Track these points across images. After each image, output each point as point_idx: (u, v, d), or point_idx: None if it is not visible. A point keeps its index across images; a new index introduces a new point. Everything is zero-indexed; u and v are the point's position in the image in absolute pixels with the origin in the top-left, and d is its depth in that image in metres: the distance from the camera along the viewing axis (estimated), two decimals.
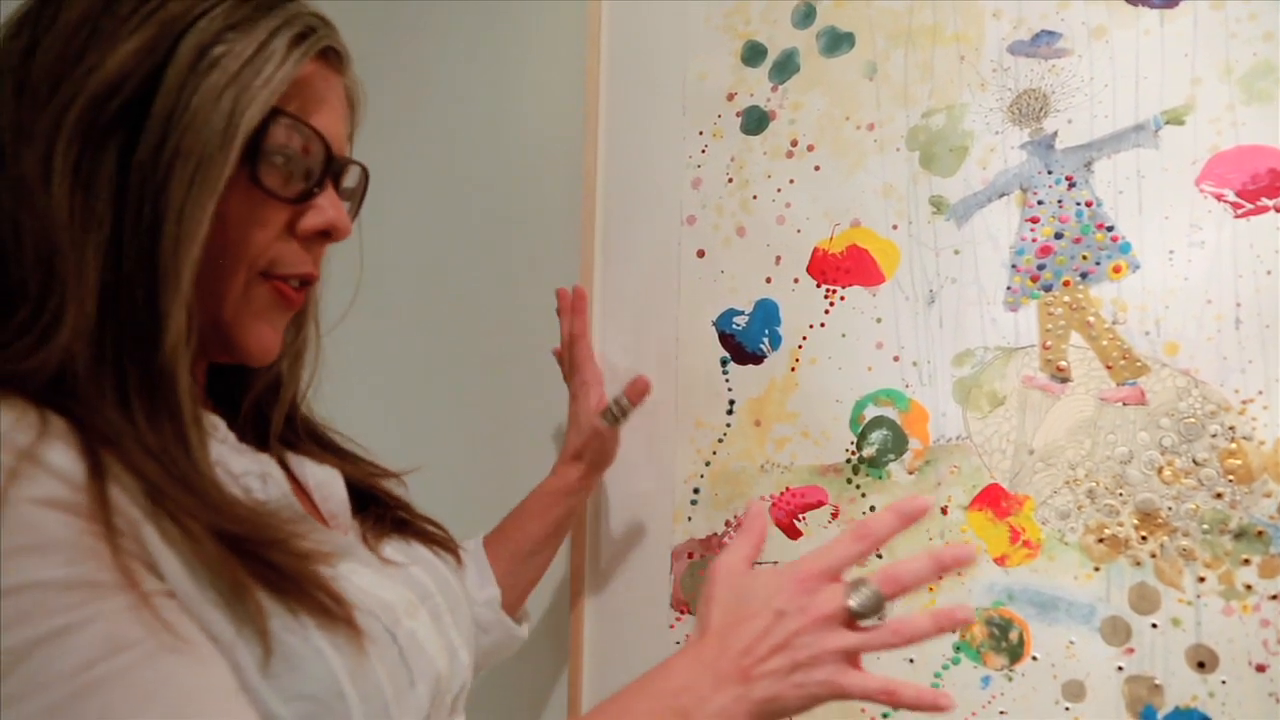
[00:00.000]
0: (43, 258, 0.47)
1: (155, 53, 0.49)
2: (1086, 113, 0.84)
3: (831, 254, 0.94)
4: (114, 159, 0.48)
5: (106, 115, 0.48)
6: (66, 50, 0.49)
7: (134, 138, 0.49)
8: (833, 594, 0.61)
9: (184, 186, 0.49)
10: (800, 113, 0.97)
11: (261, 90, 0.52)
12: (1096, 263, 0.82)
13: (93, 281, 0.48)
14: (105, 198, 0.48)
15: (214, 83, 0.50)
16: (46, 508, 0.42)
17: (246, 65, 0.51)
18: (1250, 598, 0.75)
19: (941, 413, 0.88)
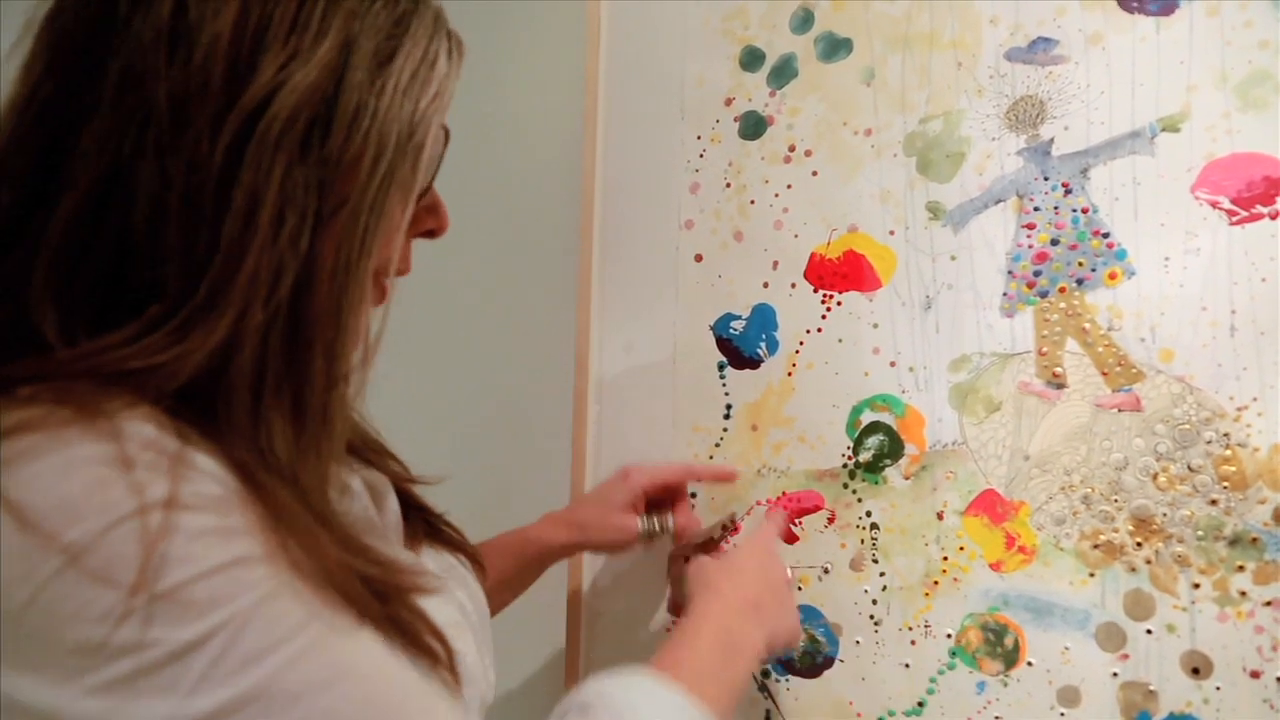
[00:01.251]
0: (197, 255, 0.44)
1: (338, 61, 0.48)
2: (1083, 119, 0.84)
3: (828, 259, 0.95)
4: (298, 163, 0.46)
5: (295, 128, 0.46)
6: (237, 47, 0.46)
7: (317, 144, 0.47)
8: None
9: (371, 192, 0.48)
10: (798, 118, 0.97)
11: (435, 101, 0.52)
12: (1092, 269, 0.82)
13: (265, 286, 0.45)
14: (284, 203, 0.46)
15: (392, 92, 0.49)
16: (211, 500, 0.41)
17: (416, 74, 0.51)
18: (1245, 604, 0.75)
19: (938, 418, 0.88)
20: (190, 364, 0.44)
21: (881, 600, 0.89)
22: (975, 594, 0.85)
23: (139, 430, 0.41)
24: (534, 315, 1.14)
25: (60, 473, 0.38)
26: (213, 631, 0.38)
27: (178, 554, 0.39)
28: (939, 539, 0.87)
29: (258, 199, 0.45)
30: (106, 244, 0.45)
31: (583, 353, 1.07)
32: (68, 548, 0.37)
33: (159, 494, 0.39)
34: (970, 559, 0.85)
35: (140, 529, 0.38)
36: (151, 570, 0.38)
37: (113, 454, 0.39)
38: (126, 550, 0.38)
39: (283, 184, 0.45)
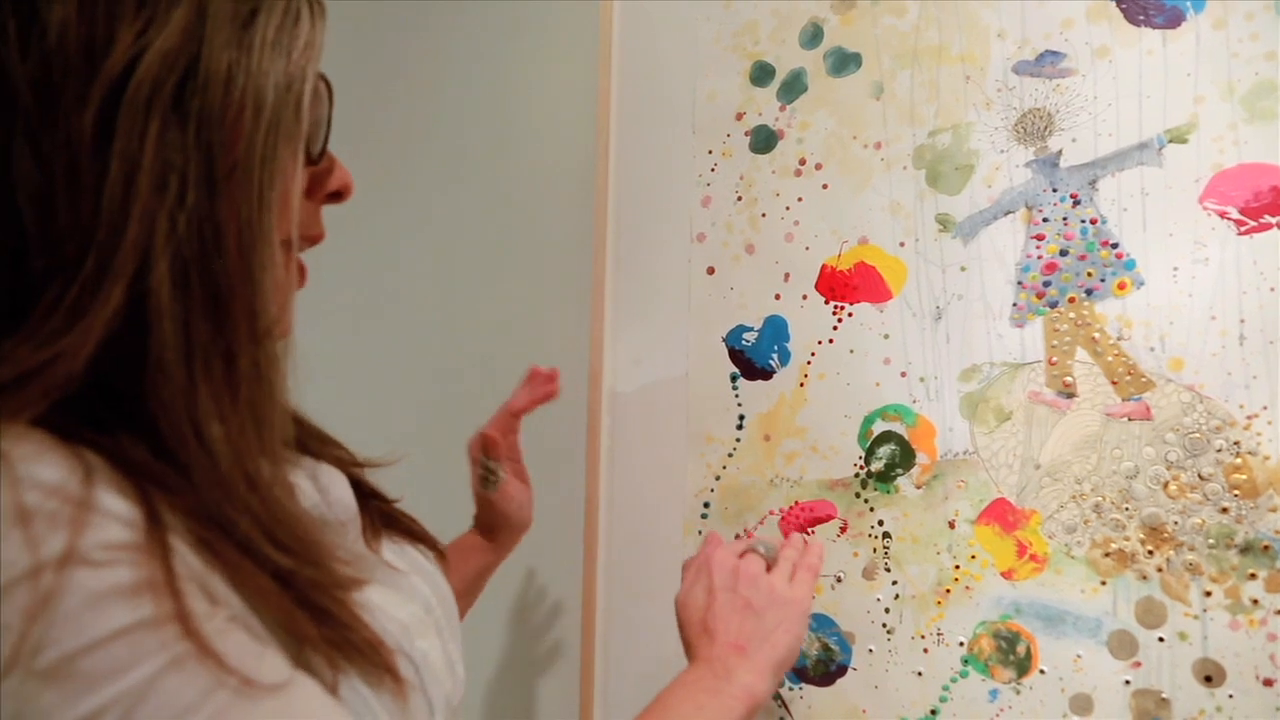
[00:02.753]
0: (83, 229, 0.43)
1: (196, 25, 0.46)
2: (1090, 131, 0.85)
3: (839, 271, 0.96)
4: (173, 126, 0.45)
5: (163, 90, 0.45)
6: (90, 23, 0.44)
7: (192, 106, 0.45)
8: (733, 550, 0.81)
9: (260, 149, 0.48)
10: (808, 132, 0.99)
11: (306, 51, 0.51)
12: (1101, 279, 0.83)
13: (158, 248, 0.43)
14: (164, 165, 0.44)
15: (260, 47, 0.48)
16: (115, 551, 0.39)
17: (281, 28, 0.50)
18: (1257, 612, 0.76)
19: (949, 428, 0.89)
20: (88, 345, 0.42)
21: (894, 609, 0.89)
22: (987, 602, 0.85)
23: (36, 473, 0.38)
24: (548, 327, 1.15)
25: None
26: (104, 707, 0.36)
27: (69, 621, 0.36)
28: (951, 548, 0.87)
29: (135, 164, 0.43)
30: (3, 243, 0.43)
31: (596, 364, 1.08)
32: None
33: (55, 550, 0.37)
34: (982, 567, 0.86)
35: (28, 593, 0.36)
36: (32, 643, 0.35)
37: (7, 505, 0.37)
38: (9, 620, 0.36)
39: (158, 147, 0.44)
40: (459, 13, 1.29)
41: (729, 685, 0.68)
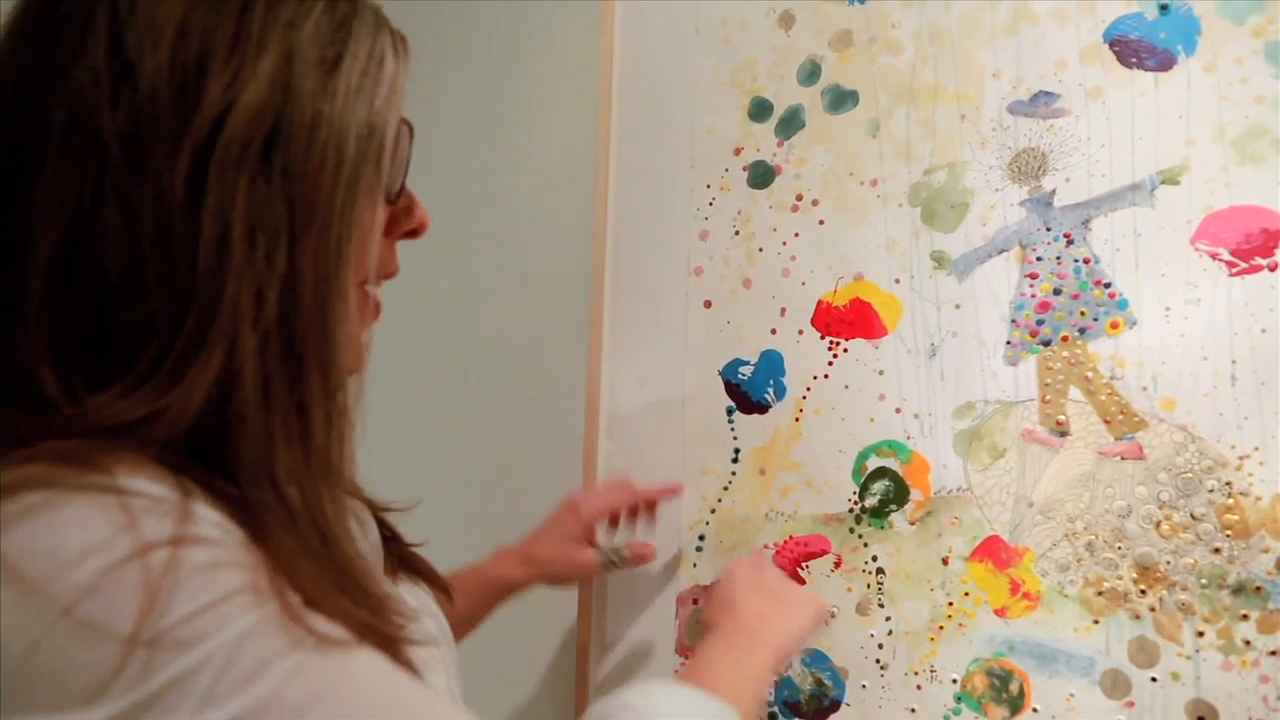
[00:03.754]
0: (178, 289, 0.44)
1: (284, 74, 0.47)
2: (1084, 171, 0.86)
3: (835, 306, 0.96)
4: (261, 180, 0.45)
5: (253, 146, 0.45)
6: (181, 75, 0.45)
7: (278, 159, 0.46)
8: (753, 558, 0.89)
9: (340, 201, 0.48)
10: (805, 168, 1.00)
11: (389, 98, 0.52)
12: (1094, 319, 0.84)
13: (250, 310, 0.44)
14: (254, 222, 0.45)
15: (344, 95, 0.49)
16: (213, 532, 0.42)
17: (366, 73, 0.50)
18: (1249, 653, 0.76)
19: (943, 464, 0.89)
20: (193, 404, 0.43)
21: (887, 644, 0.89)
22: (980, 639, 0.85)
23: (138, 485, 0.41)
24: (547, 359, 1.16)
25: (59, 526, 0.39)
26: (212, 654, 0.39)
27: (179, 589, 0.39)
28: (944, 584, 0.87)
29: (227, 222, 0.44)
30: (86, 293, 0.44)
31: (594, 397, 1.08)
32: (66, 595, 0.37)
33: (162, 534, 0.40)
34: (975, 604, 0.86)
35: (141, 569, 0.38)
36: (156, 610, 0.38)
37: (112, 504, 0.40)
38: (127, 592, 0.38)
39: (249, 204, 0.45)
40: (460, 44, 1.30)
41: (757, 641, 0.72)
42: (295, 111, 0.47)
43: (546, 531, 0.96)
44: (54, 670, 0.37)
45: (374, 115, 0.50)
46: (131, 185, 0.44)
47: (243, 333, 0.44)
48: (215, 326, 0.44)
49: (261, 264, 0.45)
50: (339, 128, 0.48)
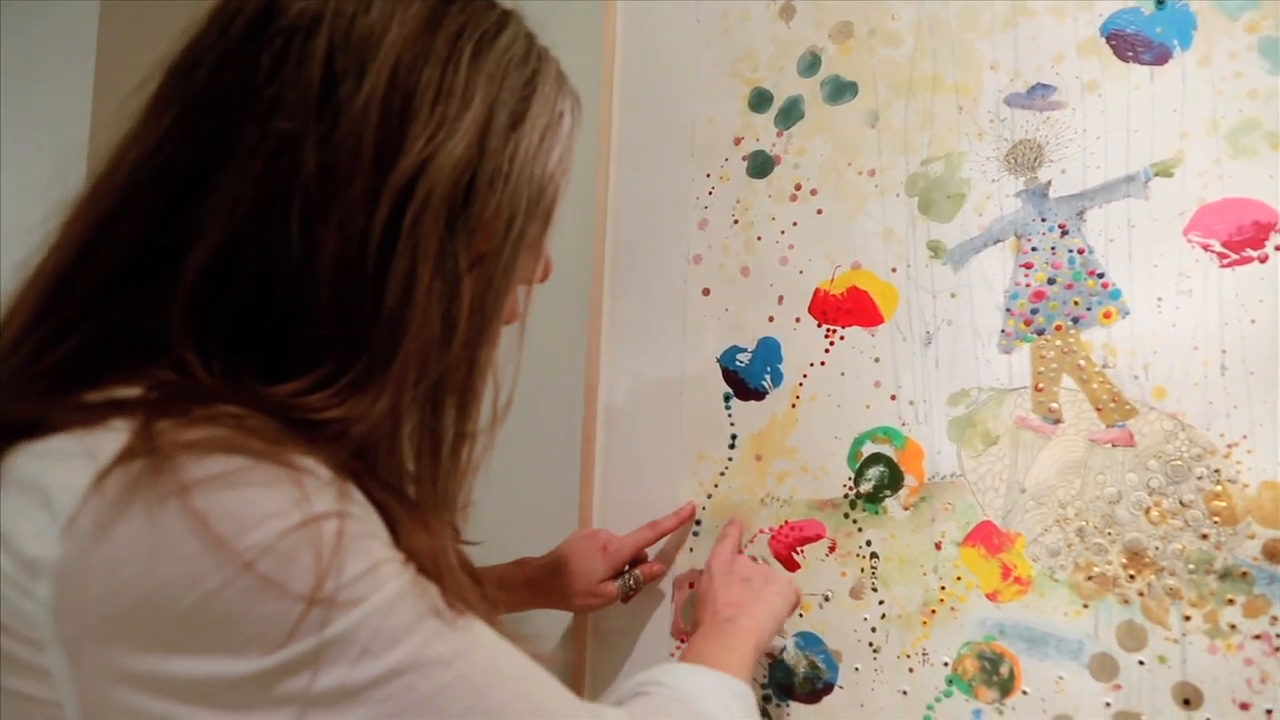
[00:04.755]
0: (357, 323, 0.47)
1: (483, 130, 0.49)
2: (1079, 163, 0.87)
3: (832, 295, 0.97)
4: (447, 234, 0.48)
5: (446, 200, 0.47)
6: (386, 118, 0.46)
7: (461, 213, 0.48)
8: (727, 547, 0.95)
9: (505, 254, 0.50)
10: (804, 158, 1.01)
11: (561, 162, 0.54)
12: (1088, 308, 0.85)
13: (424, 355, 0.47)
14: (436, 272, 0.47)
15: (524, 156, 0.51)
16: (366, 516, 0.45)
17: (545, 134, 0.52)
18: (1234, 637, 0.77)
19: (937, 450, 0.90)
20: (359, 428, 0.46)
21: (880, 628, 0.91)
22: (972, 623, 0.87)
23: (308, 464, 0.44)
24: (545, 343, 1.16)
25: (246, 490, 0.41)
26: (370, 613, 0.42)
27: (346, 555, 0.42)
28: (937, 569, 0.89)
29: (415, 270, 0.46)
30: (238, 296, 0.47)
31: (592, 381, 1.09)
32: (248, 552, 0.40)
33: (330, 506, 0.43)
34: (967, 589, 0.87)
35: (315, 535, 0.42)
36: (330, 572, 0.41)
37: (289, 476, 0.43)
38: (303, 555, 0.41)
39: (437, 255, 0.47)
40: None
41: (734, 628, 0.79)
42: (484, 170, 0.49)
43: (569, 566, 0.99)
44: (229, 619, 0.40)
45: (547, 176, 0.53)
46: (320, 217, 0.46)
47: (410, 378, 0.47)
48: (390, 369, 0.47)
49: (440, 313, 0.48)
50: (514, 186, 0.50)
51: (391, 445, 0.48)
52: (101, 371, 0.46)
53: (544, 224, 0.54)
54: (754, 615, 0.82)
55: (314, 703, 0.41)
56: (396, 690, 0.42)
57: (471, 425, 0.52)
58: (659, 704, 0.62)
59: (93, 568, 0.40)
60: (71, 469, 0.41)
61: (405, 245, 0.46)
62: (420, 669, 0.43)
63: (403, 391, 0.47)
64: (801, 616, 0.95)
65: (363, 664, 0.41)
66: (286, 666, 0.40)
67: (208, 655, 0.40)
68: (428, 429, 0.49)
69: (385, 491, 0.48)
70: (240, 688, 0.40)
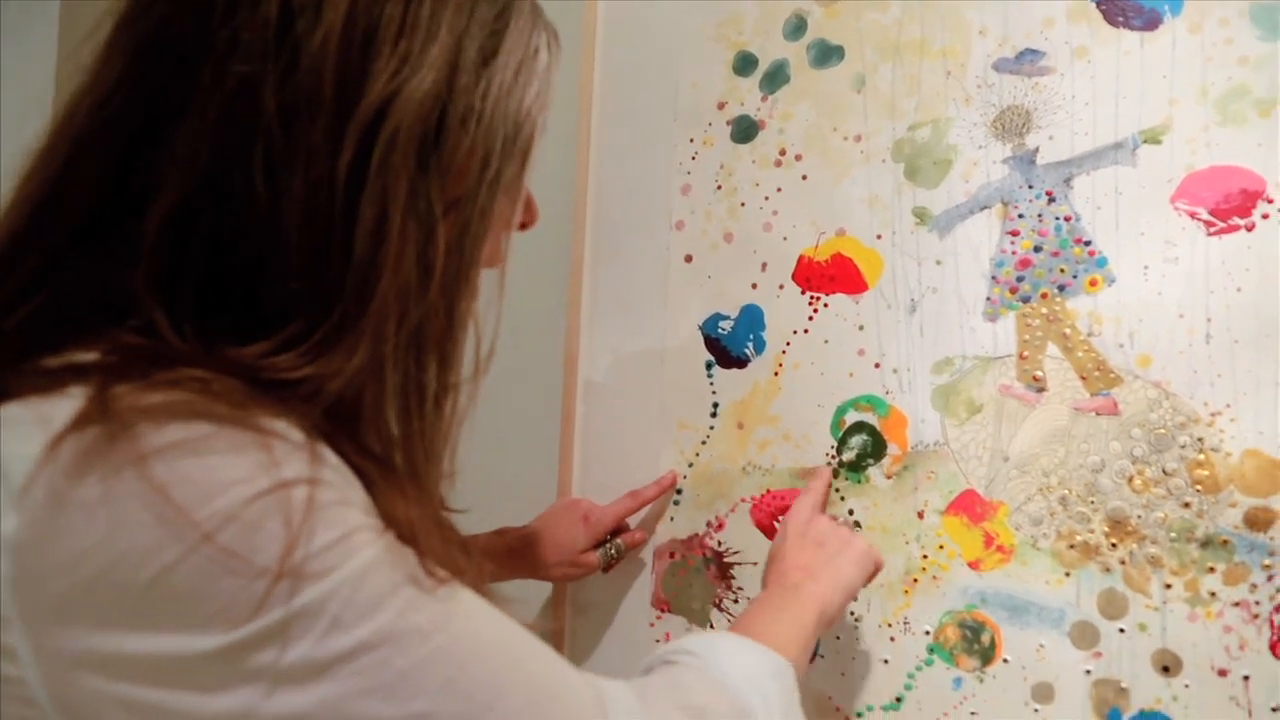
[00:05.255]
0: (328, 272, 0.44)
1: (450, 65, 0.46)
2: (1067, 130, 0.86)
3: (816, 262, 0.96)
4: (418, 174, 0.45)
5: (414, 138, 0.45)
6: (347, 54, 0.44)
7: (432, 153, 0.46)
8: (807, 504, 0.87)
9: (480, 196, 0.48)
10: (789, 123, 0.99)
11: (539, 99, 0.52)
12: (1074, 276, 0.85)
13: (400, 302, 0.45)
14: (409, 215, 0.45)
15: (498, 93, 0.48)
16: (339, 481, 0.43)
17: (519, 70, 0.50)
18: (1214, 604, 0.77)
19: (920, 419, 0.90)
20: (332, 389, 0.44)
21: (862, 597, 0.90)
22: (954, 592, 0.87)
23: (277, 427, 0.42)
24: (525, 311, 1.15)
25: (208, 456, 0.40)
26: (341, 584, 0.40)
27: (315, 524, 0.40)
28: (919, 538, 0.89)
29: (386, 214, 0.44)
30: (204, 248, 0.44)
31: (572, 349, 1.08)
32: (209, 522, 0.38)
33: (300, 473, 0.41)
34: (949, 557, 0.87)
35: (282, 504, 0.40)
36: (298, 543, 0.39)
37: (255, 441, 0.41)
38: (269, 524, 0.39)
39: (408, 197, 0.45)
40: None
41: (798, 595, 0.74)
42: (454, 107, 0.47)
43: (550, 536, 0.98)
44: (191, 593, 0.38)
45: (523, 114, 0.50)
46: (284, 160, 0.44)
47: (388, 329, 0.45)
48: (365, 320, 0.44)
49: (415, 257, 0.45)
50: (488, 125, 0.48)
51: (375, 401, 0.46)
52: (62, 336, 0.44)
53: (521, 164, 0.52)
54: (822, 584, 0.75)
55: (282, 678, 0.39)
56: (370, 664, 0.40)
57: (454, 376, 0.50)
58: (679, 677, 0.57)
59: (49, 540, 0.38)
60: (24, 436, 0.39)
61: (374, 188, 0.44)
62: (395, 642, 0.41)
63: (381, 342, 0.45)
64: None
65: (332, 637, 0.40)
66: (252, 641, 0.39)
67: (170, 632, 0.38)
68: (411, 381, 0.47)
69: (363, 456, 0.46)
70: (205, 664, 0.38)
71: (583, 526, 0.97)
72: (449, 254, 0.47)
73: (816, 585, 0.75)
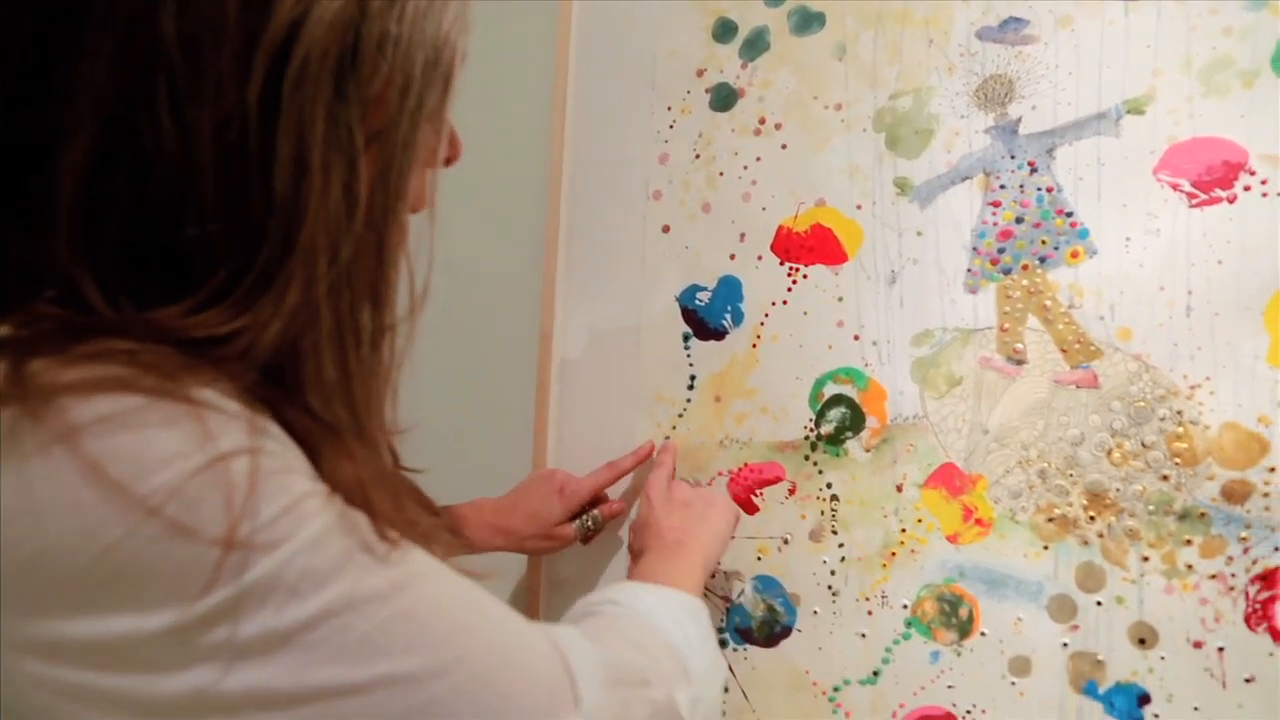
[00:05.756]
0: (249, 214, 0.42)
1: None
2: (1050, 99, 0.85)
3: (796, 232, 0.95)
4: (336, 103, 0.43)
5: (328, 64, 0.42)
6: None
7: (350, 81, 0.43)
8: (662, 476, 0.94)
9: (403, 126, 0.46)
10: (769, 91, 0.98)
11: (457, 21, 0.49)
12: (1055, 248, 0.84)
13: (329, 243, 0.43)
14: (329, 148, 0.43)
15: (414, 15, 0.45)
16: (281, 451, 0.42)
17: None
18: (1190, 577, 0.77)
19: (899, 392, 0.89)
20: (268, 336, 0.42)
21: (840, 571, 0.90)
22: (932, 565, 0.86)
23: (210, 398, 0.40)
24: (500, 282, 1.13)
25: (142, 430, 0.38)
26: (295, 553, 0.39)
27: (261, 494, 0.39)
28: (898, 511, 0.88)
29: (304, 145, 0.42)
30: (123, 201, 0.42)
31: (547, 321, 1.06)
32: (153, 497, 0.37)
33: (239, 443, 0.39)
34: (928, 531, 0.87)
35: (225, 475, 0.38)
36: (244, 514, 0.38)
37: (189, 413, 0.39)
38: (213, 497, 0.38)
39: (327, 127, 0.42)
40: None
41: (681, 549, 0.79)
42: (367, 31, 0.44)
43: (525, 507, 0.97)
44: (137, 571, 0.37)
45: (441, 37, 0.47)
46: (190, 95, 0.40)
47: (318, 269, 0.43)
48: (292, 261, 0.42)
49: (339, 193, 0.43)
50: (406, 49, 0.45)
51: (312, 349, 0.44)
52: None
53: (443, 92, 0.49)
54: (700, 538, 0.81)
55: (239, 654, 0.38)
56: (330, 632, 0.39)
57: (389, 317, 0.48)
58: (611, 622, 0.60)
59: None
60: None
61: (289, 119, 0.41)
62: (355, 607, 0.40)
63: (311, 285, 0.43)
64: (760, 560, 0.94)
65: (290, 607, 0.38)
66: (206, 618, 0.37)
67: (115, 613, 0.36)
68: (346, 324, 0.45)
69: (306, 417, 0.44)
70: (156, 645, 0.37)
71: (558, 498, 0.96)
72: (374, 188, 0.45)
73: (694, 539, 0.81)
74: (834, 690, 0.89)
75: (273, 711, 0.38)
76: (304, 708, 0.39)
